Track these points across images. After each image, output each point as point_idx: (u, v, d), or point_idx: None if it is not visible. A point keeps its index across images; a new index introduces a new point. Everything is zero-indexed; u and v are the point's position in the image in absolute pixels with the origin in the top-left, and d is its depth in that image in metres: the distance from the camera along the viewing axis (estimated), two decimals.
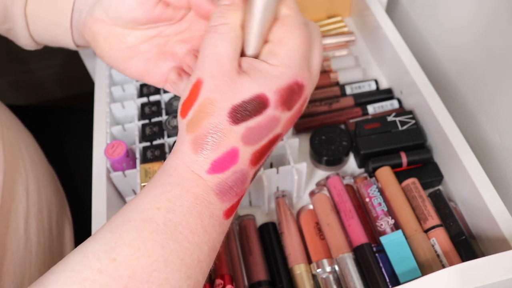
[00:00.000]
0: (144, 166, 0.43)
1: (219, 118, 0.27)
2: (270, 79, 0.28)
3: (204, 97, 0.28)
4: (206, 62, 0.28)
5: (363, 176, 0.47)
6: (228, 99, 0.27)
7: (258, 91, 0.27)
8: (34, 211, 0.46)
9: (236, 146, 0.28)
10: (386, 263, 0.40)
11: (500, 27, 0.44)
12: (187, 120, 0.29)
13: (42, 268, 0.44)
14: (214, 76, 0.28)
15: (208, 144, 0.28)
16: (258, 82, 0.27)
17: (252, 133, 0.28)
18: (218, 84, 0.28)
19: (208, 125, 0.28)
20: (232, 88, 0.27)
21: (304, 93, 0.30)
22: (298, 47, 0.28)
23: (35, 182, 0.48)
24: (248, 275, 0.43)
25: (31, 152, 0.51)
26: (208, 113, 0.28)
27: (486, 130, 0.50)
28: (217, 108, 0.28)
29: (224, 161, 0.28)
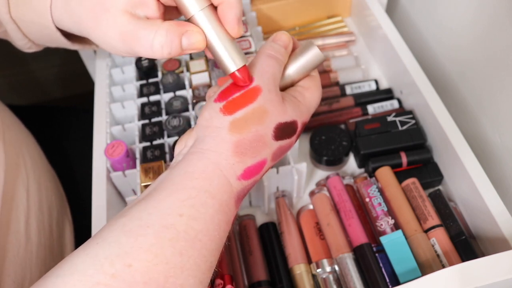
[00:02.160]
0: (144, 166, 0.43)
1: (267, 130, 0.30)
2: (300, 112, 0.33)
3: (260, 104, 0.30)
4: (266, 76, 0.32)
5: (363, 176, 0.47)
6: (278, 115, 0.31)
7: (294, 117, 0.32)
8: (34, 211, 0.46)
9: (267, 159, 0.31)
10: (386, 263, 0.40)
11: (500, 27, 0.44)
12: (234, 119, 0.30)
13: (43, 268, 0.44)
14: (271, 91, 0.31)
15: (251, 150, 0.29)
16: (295, 111, 0.32)
17: (279, 152, 0.32)
18: (273, 99, 0.31)
19: (257, 132, 0.30)
20: (282, 108, 0.31)
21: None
22: (316, 98, 0.35)
23: (36, 182, 0.48)
24: (248, 275, 0.43)
25: (31, 152, 0.51)
26: (260, 121, 0.30)
27: (486, 130, 0.50)
28: (268, 120, 0.30)
29: (254, 169, 0.30)
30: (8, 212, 0.41)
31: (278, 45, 0.34)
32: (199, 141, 0.30)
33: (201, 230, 0.27)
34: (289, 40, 0.34)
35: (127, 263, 0.24)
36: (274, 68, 0.32)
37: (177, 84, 0.51)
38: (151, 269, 0.24)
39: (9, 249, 0.40)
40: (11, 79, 1.12)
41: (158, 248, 0.25)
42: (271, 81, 0.32)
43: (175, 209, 0.27)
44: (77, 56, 0.63)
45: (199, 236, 0.26)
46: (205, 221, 0.27)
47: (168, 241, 0.25)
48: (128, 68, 0.54)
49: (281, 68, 0.33)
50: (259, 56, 0.33)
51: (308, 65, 0.35)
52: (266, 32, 0.64)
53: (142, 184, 0.42)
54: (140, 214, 0.27)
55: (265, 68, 0.32)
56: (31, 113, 0.66)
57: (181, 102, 0.49)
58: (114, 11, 0.30)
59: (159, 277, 0.24)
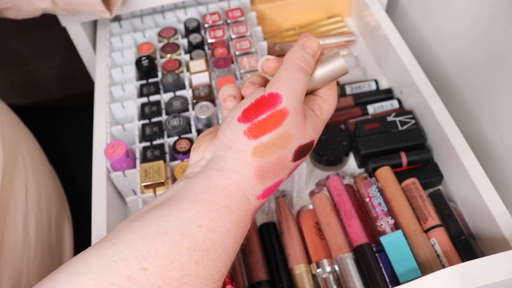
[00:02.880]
0: (144, 166, 0.43)
1: (288, 154, 0.30)
2: (319, 129, 0.33)
3: (285, 129, 0.30)
4: (295, 96, 0.30)
5: (363, 176, 0.47)
6: (299, 138, 0.31)
7: (313, 137, 0.32)
8: (33, 208, 0.46)
9: (283, 179, 0.32)
10: (386, 263, 0.40)
11: (500, 27, 0.44)
12: (258, 144, 0.29)
13: (41, 264, 0.45)
14: (297, 113, 0.30)
15: (271, 174, 0.30)
16: (314, 130, 0.32)
17: (294, 170, 0.33)
18: (298, 121, 0.30)
19: (279, 157, 0.30)
20: (304, 130, 0.31)
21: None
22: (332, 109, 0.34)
23: (35, 179, 0.48)
24: (248, 275, 0.43)
25: (31, 151, 0.51)
26: (282, 146, 0.30)
27: (486, 130, 0.50)
28: (290, 144, 0.30)
29: (272, 189, 0.31)
30: (6, 208, 0.41)
31: (308, 54, 0.32)
32: (220, 159, 0.30)
33: (217, 242, 0.27)
34: (318, 48, 0.33)
35: (143, 267, 0.24)
36: (302, 84, 0.31)
37: (177, 84, 0.51)
38: (166, 275, 0.25)
39: (7, 244, 0.40)
40: (11, 79, 1.12)
41: (175, 255, 0.25)
42: (299, 101, 0.30)
43: (195, 220, 0.27)
44: (77, 56, 0.63)
45: (215, 247, 0.27)
46: (222, 234, 0.28)
47: (186, 249, 0.26)
48: (128, 68, 0.54)
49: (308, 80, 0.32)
50: (287, 66, 0.31)
51: (331, 76, 0.33)
52: (266, 32, 0.64)
53: (142, 184, 0.42)
54: (159, 220, 0.27)
55: (295, 85, 0.30)
56: (31, 113, 0.66)
57: (181, 102, 0.49)
58: None
59: (173, 283, 0.25)
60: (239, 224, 0.29)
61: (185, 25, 0.57)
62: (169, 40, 0.56)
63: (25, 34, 1.01)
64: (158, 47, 0.55)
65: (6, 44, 1.04)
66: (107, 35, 0.59)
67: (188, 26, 0.56)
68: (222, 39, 0.54)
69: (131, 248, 0.25)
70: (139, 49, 0.55)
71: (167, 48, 0.55)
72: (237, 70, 0.51)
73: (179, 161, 0.44)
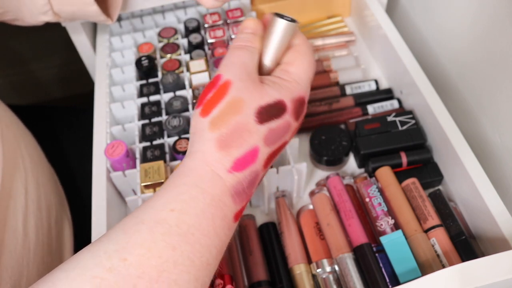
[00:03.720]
0: (144, 166, 0.43)
1: (247, 117, 0.29)
2: (286, 90, 0.31)
3: (233, 96, 0.30)
4: (235, 67, 0.31)
5: (363, 176, 0.47)
6: (256, 100, 0.30)
7: (279, 96, 0.31)
8: (32, 209, 0.46)
9: (258, 145, 0.30)
10: (386, 263, 0.40)
11: (500, 27, 0.44)
12: (211, 118, 0.30)
13: (41, 265, 0.45)
14: (242, 79, 0.31)
15: (233, 142, 0.29)
16: (278, 90, 0.31)
17: (273, 134, 0.30)
18: (247, 86, 0.30)
19: (235, 123, 0.29)
20: (259, 92, 0.30)
21: (305, 108, 0.33)
22: (305, 70, 0.33)
23: (34, 180, 0.48)
24: (248, 275, 0.43)
25: (30, 151, 0.51)
26: (236, 111, 0.29)
27: (486, 130, 0.50)
28: (245, 107, 0.30)
29: (246, 159, 0.29)
30: (5, 209, 0.41)
31: (245, 34, 0.33)
32: (189, 146, 0.31)
33: (193, 224, 0.27)
34: (255, 24, 0.34)
35: (122, 258, 0.25)
36: (243, 57, 0.32)
37: (177, 84, 0.51)
38: (144, 263, 0.25)
39: (6, 245, 0.40)
40: (11, 79, 1.12)
41: (151, 243, 0.26)
42: (242, 70, 0.31)
43: (167, 205, 0.27)
44: (77, 56, 0.63)
45: (192, 230, 0.27)
46: (197, 215, 0.27)
47: (161, 235, 0.26)
48: (128, 68, 0.54)
49: (254, 55, 0.32)
50: (227, 51, 0.33)
51: (282, 39, 0.33)
52: None
53: (142, 184, 0.42)
54: (138, 213, 0.28)
55: (233, 59, 0.32)
56: (31, 113, 0.66)
57: (181, 102, 0.49)
58: None
59: (152, 271, 0.25)
60: (215, 204, 0.28)
61: (185, 25, 0.57)
62: (169, 40, 0.56)
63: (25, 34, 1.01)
64: (158, 47, 0.55)
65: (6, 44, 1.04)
66: (107, 35, 0.59)
67: (188, 26, 0.57)
68: (222, 39, 0.54)
69: (112, 241, 0.26)
70: (139, 49, 0.55)
71: (167, 48, 0.55)
72: None
73: (179, 161, 0.44)
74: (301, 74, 0.33)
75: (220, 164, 0.29)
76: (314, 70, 0.34)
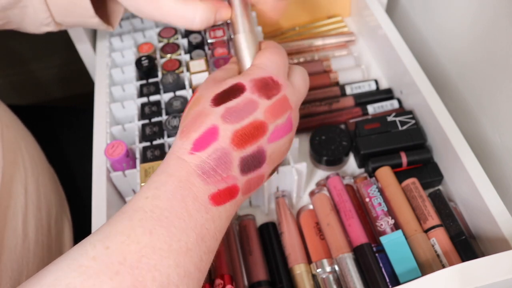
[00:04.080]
0: (144, 166, 0.43)
1: (204, 105, 0.32)
2: (245, 75, 0.34)
3: (196, 96, 0.33)
4: (205, 80, 0.35)
5: (363, 176, 0.47)
6: (212, 91, 0.33)
7: (235, 81, 0.33)
8: (32, 209, 0.46)
9: (215, 124, 0.31)
10: (386, 263, 0.40)
11: (500, 27, 0.44)
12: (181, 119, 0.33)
13: (41, 266, 0.45)
14: (206, 84, 0.34)
15: (191, 127, 0.31)
16: (236, 78, 0.33)
17: (231, 111, 0.31)
18: (207, 85, 0.34)
19: (194, 113, 0.32)
20: (217, 85, 0.33)
21: (282, 91, 0.33)
22: (269, 56, 0.35)
23: (34, 180, 0.48)
24: (248, 275, 0.43)
25: (30, 151, 0.51)
26: (196, 104, 0.32)
27: (486, 130, 0.50)
28: (203, 100, 0.32)
29: (204, 138, 0.30)
30: (5, 209, 0.41)
31: (227, 66, 0.38)
32: None
33: (165, 208, 0.28)
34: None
35: (105, 246, 0.26)
36: (215, 73, 0.36)
37: (177, 84, 0.51)
38: (124, 250, 0.26)
39: (6, 245, 0.40)
40: (11, 79, 1.12)
41: (130, 229, 0.27)
42: (209, 79, 0.35)
43: (142, 194, 0.29)
44: (77, 56, 0.63)
45: (165, 213, 0.27)
46: (168, 199, 0.28)
47: (138, 221, 0.27)
48: (128, 68, 0.54)
49: (227, 71, 0.36)
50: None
51: (245, 46, 0.37)
52: (266, 32, 0.64)
53: (142, 184, 0.42)
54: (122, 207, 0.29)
55: (207, 77, 0.36)
56: (31, 113, 0.66)
57: (181, 102, 0.49)
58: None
59: (132, 257, 0.26)
60: (182, 185, 0.29)
61: None
62: (169, 40, 0.56)
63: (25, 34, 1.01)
64: (158, 47, 0.55)
65: (6, 44, 1.04)
66: (107, 35, 0.59)
67: None
68: (222, 39, 0.54)
69: (98, 233, 0.27)
70: (139, 49, 0.55)
71: (167, 48, 0.55)
72: None
73: None
74: (264, 61, 0.34)
75: (182, 149, 0.30)
76: (282, 57, 0.35)
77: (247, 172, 0.31)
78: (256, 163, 0.31)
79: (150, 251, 0.26)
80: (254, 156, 0.31)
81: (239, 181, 0.31)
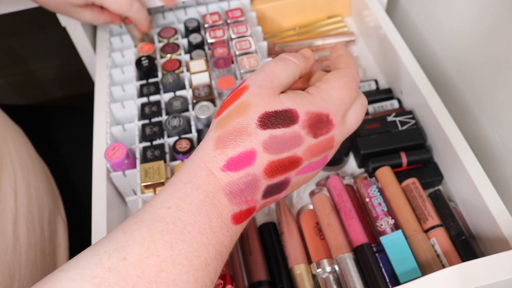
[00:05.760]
0: (144, 166, 0.43)
1: (249, 120, 0.29)
2: (304, 101, 0.31)
3: (243, 99, 0.30)
4: (260, 74, 0.31)
5: (363, 176, 0.47)
6: (264, 106, 0.30)
7: (291, 106, 0.30)
8: (23, 212, 0.45)
9: (255, 149, 0.29)
10: (386, 263, 0.40)
11: (500, 27, 0.44)
12: (219, 119, 0.30)
13: (33, 269, 0.44)
14: (260, 85, 0.31)
15: (230, 141, 0.29)
16: (293, 100, 0.30)
17: (275, 142, 0.29)
18: (261, 92, 0.30)
19: (236, 124, 0.29)
20: (271, 99, 0.30)
21: (332, 131, 0.32)
22: (338, 89, 0.32)
23: (25, 181, 0.47)
24: (248, 275, 0.43)
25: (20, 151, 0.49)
26: (241, 113, 0.30)
27: (486, 130, 0.50)
28: (251, 111, 0.30)
29: (240, 160, 0.29)
30: None
31: (297, 54, 0.34)
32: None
33: (189, 222, 0.27)
34: (310, 53, 0.34)
35: (122, 257, 0.25)
36: (276, 67, 0.32)
37: (177, 84, 0.51)
38: (143, 262, 0.25)
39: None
40: (11, 79, 1.12)
41: (149, 241, 0.25)
42: (265, 77, 0.31)
43: (164, 203, 0.27)
44: (77, 56, 0.63)
45: (188, 228, 0.26)
46: (192, 212, 0.27)
47: (159, 233, 0.26)
48: (128, 68, 0.54)
49: (291, 69, 0.32)
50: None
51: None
52: (266, 32, 0.64)
53: (142, 184, 0.42)
54: (138, 212, 0.28)
55: (263, 67, 0.32)
56: (31, 113, 0.66)
57: (181, 102, 0.49)
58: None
59: (151, 271, 0.25)
60: (209, 201, 0.28)
61: (185, 25, 0.57)
62: (169, 40, 0.56)
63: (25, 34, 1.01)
64: (158, 47, 0.55)
65: (6, 44, 1.04)
66: (107, 35, 0.59)
67: (188, 26, 0.57)
68: (222, 39, 0.54)
69: (112, 241, 0.26)
70: (139, 49, 0.55)
71: (167, 48, 0.55)
72: (237, 70, 0.51)
73: (179, 161, 0.44)
74: (331, 92, 0.32)
75: (214, 162, 0.29)
76: (351, 92, 0.32)
77: (267, 197, 0.31)
78: (278, 190, 0.31)
79: (170, 266, 0.25)
80: (279, 185, 0.31)
81: (259, 203, 0.30)
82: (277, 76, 0.31)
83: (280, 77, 0.32)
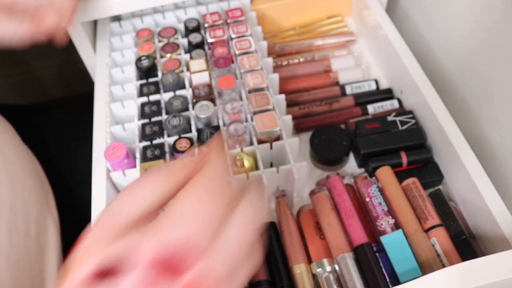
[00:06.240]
0: (144, 165, 0.43)
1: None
2: (140, 244, 0.24)
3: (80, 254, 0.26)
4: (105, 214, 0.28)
5: (363, 176, 0.47)
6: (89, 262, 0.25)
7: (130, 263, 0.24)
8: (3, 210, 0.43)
9: None
10: (386, 262, 0.40)
11: (501, 27, 0.44)
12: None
13: (16, 269, 0.42)
14: (101, 223, 0.28)
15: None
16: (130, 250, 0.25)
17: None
18: (100, 231, 0.27)
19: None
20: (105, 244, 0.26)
21: (189, 276, 0.22)
22: (189, 206, 0.23)
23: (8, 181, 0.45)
24: None
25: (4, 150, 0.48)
26: (71, 270, 0.25)
27: (486, 130, 0.50)
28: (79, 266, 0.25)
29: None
30: None
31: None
32: None
33: None
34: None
35: None
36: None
37: (177, 83, 0.51)
38: None
39: None
40: (11, 79, 1.12)
41: None
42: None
43: None
44: (77, 56, 0.63)
45: None
46: None
47: None
48: (128, 68, 0.54)
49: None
50: None
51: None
52: (266, 32, 0.64)
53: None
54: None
55: None
56: (31, 113, 0.66)
57: (181, 101, 0.49)
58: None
59: None
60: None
61: (185, 25, 0.57)
62: (169, 40, 0.56)
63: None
64: (158, 46, 0.55)
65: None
66: (107, 35, 0.59)
67: (188, 26, 0.57)
68: (222, 39, 0.54)
69: None
70: (139, 49, 0.55)
71: (167, 48, 0.55)
72: (237, 69, 0.51)
73: None
74: (176, 217, 0.23)
75: None
76: (216, 198, 0.23)
77: None
78: None
79: None
80: None
81: None
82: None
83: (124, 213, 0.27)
